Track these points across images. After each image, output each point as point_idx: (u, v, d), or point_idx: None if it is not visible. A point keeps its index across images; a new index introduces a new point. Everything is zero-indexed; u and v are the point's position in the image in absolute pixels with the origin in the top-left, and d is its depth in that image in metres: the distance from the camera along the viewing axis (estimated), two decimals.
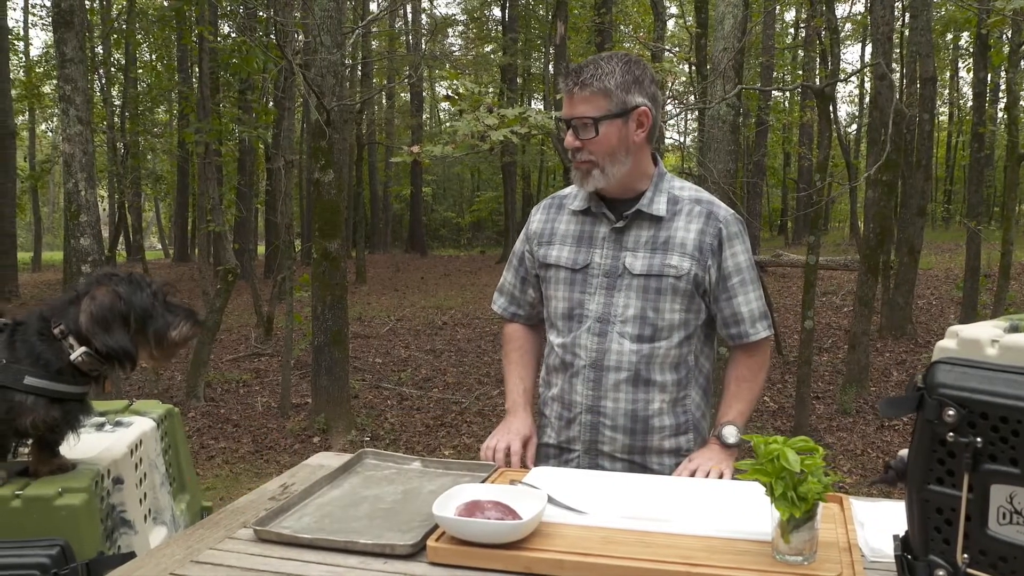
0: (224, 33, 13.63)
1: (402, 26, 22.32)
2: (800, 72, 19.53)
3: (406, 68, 17.87)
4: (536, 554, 1.33)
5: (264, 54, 9.26)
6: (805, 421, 6.12)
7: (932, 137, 10.84)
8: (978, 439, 1.01)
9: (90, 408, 1.78)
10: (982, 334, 1.09)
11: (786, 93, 23.96)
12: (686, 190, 1.96)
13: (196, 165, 11.94)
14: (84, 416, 1.75)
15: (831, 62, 8.42)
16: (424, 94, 26.28)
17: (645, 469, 1.92)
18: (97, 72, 14.31)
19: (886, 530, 1.32)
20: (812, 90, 7.78)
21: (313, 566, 1.35)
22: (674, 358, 1.91)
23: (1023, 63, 9.03)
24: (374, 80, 19.25)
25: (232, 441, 6.48)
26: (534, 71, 22.24)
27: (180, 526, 2.06)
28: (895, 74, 10.83)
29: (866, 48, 23.06)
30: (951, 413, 1.03)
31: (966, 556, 1.05)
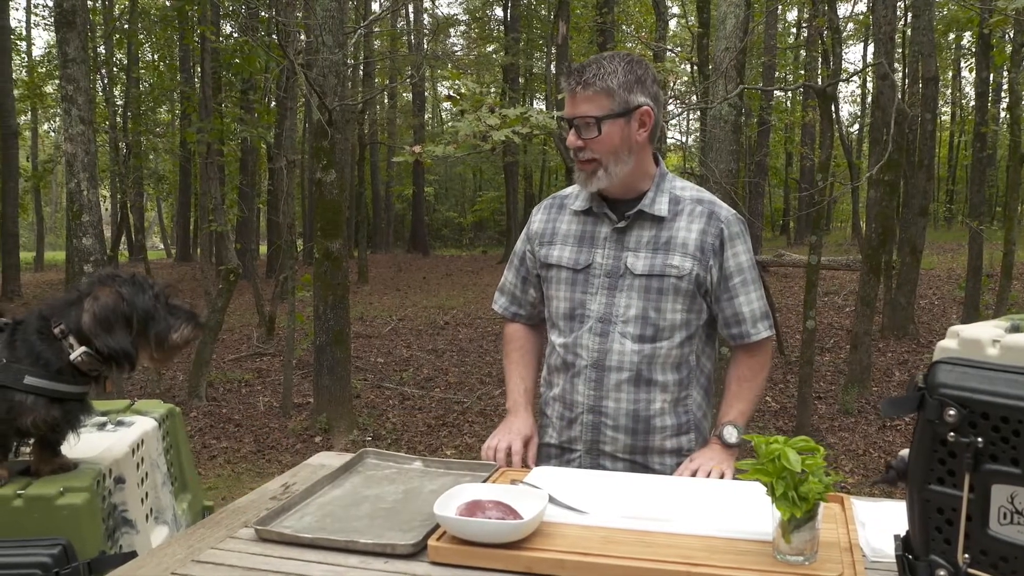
0: (226, 33, 13.64)
1: (404, 26, 22.30)
2: (802, 72, 19.48)
3: (408, 68, 17.86)
4: (537, 554, 1.33)
5: (266, 54, 9.28)
6: (807, 421, 6.11)
7: (934, 137, 10.84)
8: (979, 439, 1.01)
9: (91, 408, 1.78)
10: (983, 334, 1.09)
11: (788, 93, 23.93)
12: (688, 190, 1.96)
13: (198, 165, 11.95)
14: (85, 416, 1.75)
15: (833, 62, 8.40)
16: (426, 94, 26.29)
17: (646, 469, 1.92)
18: (99, 72, 14.32)
19: (887, 530, 1.32)
20: (814, 90, 7.78)
21: (314, 566, 1.36)
22: (675, 358, 1.92)
23: None
24: (376, 80, 19.24)
25: (234, 441, 6.48)
26: (536, 71, 22.21)
27: (182, 525, 2.07)
28: (897, 74, 10.83)
29: (868, 48, 23.01)
30: (952, 413, 1.03)
31: (967, 556, 1.05)
